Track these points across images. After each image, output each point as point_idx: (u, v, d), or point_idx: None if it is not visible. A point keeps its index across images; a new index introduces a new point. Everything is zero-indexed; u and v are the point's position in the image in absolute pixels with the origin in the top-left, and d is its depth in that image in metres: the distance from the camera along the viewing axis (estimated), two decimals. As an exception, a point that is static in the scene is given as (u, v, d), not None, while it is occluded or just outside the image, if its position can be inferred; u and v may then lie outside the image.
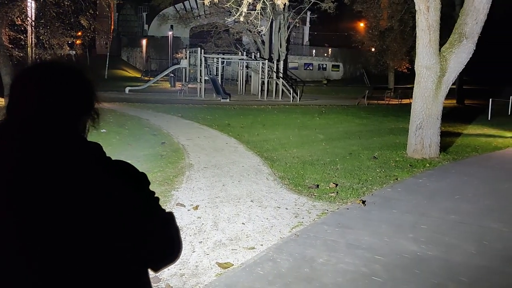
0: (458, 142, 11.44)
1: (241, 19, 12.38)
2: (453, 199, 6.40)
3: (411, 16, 24.49)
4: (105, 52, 39.36)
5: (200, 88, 27.42)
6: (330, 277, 3.84)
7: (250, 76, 32.97)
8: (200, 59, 28.05)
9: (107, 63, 37.23)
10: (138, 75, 41.68)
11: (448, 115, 9.33)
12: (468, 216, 5.66)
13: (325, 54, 55.11)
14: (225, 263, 4.04)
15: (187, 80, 29.58)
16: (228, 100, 24.30)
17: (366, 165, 8.48)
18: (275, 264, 4.02)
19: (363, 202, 6.04)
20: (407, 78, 35.92)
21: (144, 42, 45.21)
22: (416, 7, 8.64)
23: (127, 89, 27.49)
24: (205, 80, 28.01)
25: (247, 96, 29.13)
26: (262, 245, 4.54)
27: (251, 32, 33.10)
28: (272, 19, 15.12)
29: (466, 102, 25.64)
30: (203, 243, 4.52)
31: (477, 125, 15.72)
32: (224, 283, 3.64)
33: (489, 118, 17.49)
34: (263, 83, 29.46)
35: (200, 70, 27.99)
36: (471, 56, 8.87)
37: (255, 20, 11.27)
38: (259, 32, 26.98)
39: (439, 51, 8.87)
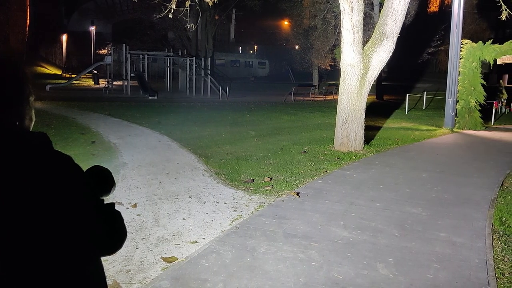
0: (380, 135, 12.22)
1: (170, 15, 12.30)
2: (378, 188, 6.90)
3: (334, 16, 25.59)
4: (22, 48, 37.09)
5: (126, 86, 26.75)
6: (271, 264, 4.06)
7: (177, 73, 32.66)
8: (125, 55, 27.35)
9: (24, 59, 35.12)
10: (59, 72, 39.75)
11: (369, 110, 9.95)
12: (391, 203, 6.15)
13: (251, 52, 55.82)
14: (170, 257, 4.12)
15: (112, 77, 28.72)
16: (155, 97, 23.95)
17: (297, 159, 8.85)
18: (218, 255, 4.18)
19: (297, 194, 6.35)
20: (330, 75, 37.49)
21: (64, 37, 43.11)
22: (341, 8, 9.13)
23: (47, 86, 26.17)
24: (131, 77, 27.36)
25: (174, 93, 28.86)
26: (204, 238, 4.67)
27: (177, 28, 32.76)
28: (199, 15, 15.08)
29: (385, 98, 27.24)
30: (146, 239, 4.57)
31: (396, 119, 16.82)
32: (171, 276, 3.74)
33: (406, 112, 18.77)
34: (190, 80, 29.32)
35: (126, 67, 27.31)
36: (391, 54, 9.53)
37: (183, 17, 11.21)
38: (188, 29, 26.77)
39: (362, 49, 9.44)
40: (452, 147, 11.37)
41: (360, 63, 9.37)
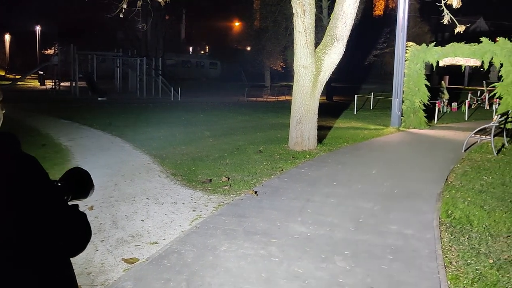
0: (331, 134, 12.56)
1: (121, 15, 12.08)
2: (332, 185, 7.13)
3: (284, 18, 25.98)
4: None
5: (74, 87, 25.94)
6: (233, 262, 4.13)
7: (127, 74, 32.04)
8: (73, 56, 26.53)
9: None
10: (2, 73, 37.90)
11: (320, 111, 10.20)
12: (345, 199, 6.37)
13: (202, 52, 55.57)
14: (130, 258, 4.11)
15: (59, 78, 27.77)
16: (105, 98, 23.39)
17: (253, 158, 8.96)
18: (180, 255, 4.20)
19: (255, 192, 6.45)
20: (282, 76, 37.99)
21: (6, 37, 41.19)
22: (293, 11, 9.32)
23: (-12, 87, 24.94)
24: (79, 77, 26.57)
25: (125, 94, 28.30)
26: (164, 239, 4.67)
27: (127, 28, 32.14)
28: (151, 16, 14.92)
29: (335, 99, 27.93)
30: (105, 241, 4.51)
31: (345, 119, 17.32)
32: (133, 277, 3.73)
33: (355, 113, 19.35)
34: (141, 80, 28.85)
35: (74, 68, 26.49)
36: (341, 56, 9.83)
37: (135, 17, 11.08)
38: (140, 29, 26.35)
39: (315, 51, 9.68)
40: (399, 145, 11.86)
41: (313, 64, 9.61)
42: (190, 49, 55.01)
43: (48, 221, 1.26)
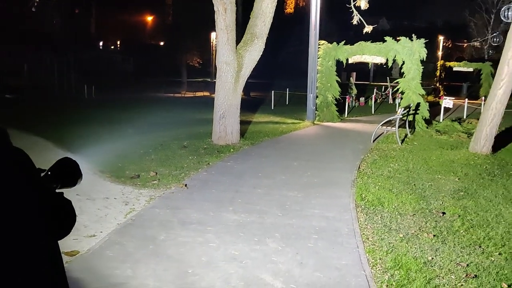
0: (252, 129, 13.03)
1: (33, 9, 11.55)
2: (257, 176, 7.54)
3: (200, 14, 26.05)
4: None
5: None
6: (173, 249, 4.35)
7: (40, 69, 30.23)
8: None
9: None
10: None
11: (240, 106, 10.60)
12: (270, 188, 6.80)
13: (113, 47, 53.65)
14: (71, 251, 4.17)
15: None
16: (13, 95, 21.99)
17: (178, 153, 9.12)
18: (121, 246, 4.34)
19: (185, 185, 6.67)
20: (199, 72, 38.01)
21: None
22: (215, 8, 9.57)
23: None
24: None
25: (36, 90, 26.69)
26: (102, 232, 4.76)
27: (36, 22, 30.28)
28: (62, 10, 14.36)
29: (252, 95, 28.60)
30: (41, 238, 4.50)
31: (264, 113, 17.93)
32: (77, 269, 3.82)
33: (272, 108, 20.07)
34: (53, 76, 27.41)
35: None
36: (261, 53, 10.28)
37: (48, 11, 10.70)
38: (54, 23, 24.99)
39: (236, 48, 10.03)
40: (316, 138, 12.63)
41: (235, 61, 9.95)
42: (101, 44, 52.85)
43: (36, 208, 1.40)
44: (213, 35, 35.98)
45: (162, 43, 38.47)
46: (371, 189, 6.84)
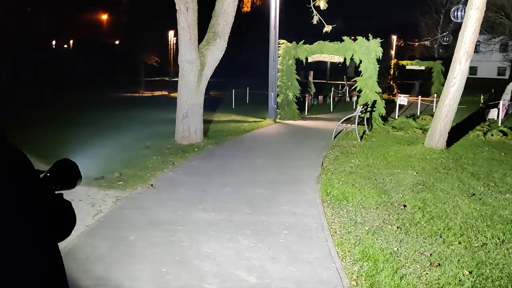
0: (214, 128, 13.04)
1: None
2: (224, 175, 7.58)
3: (159, 13, 25.72)
4: None
5: None
6: (146, 249, 4.35)
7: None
8: None
9: None
10: None
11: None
12: (238, 187, 6.87)
13: (66, 46, 52.09)
14: (41, 256, 4.07)
15: None
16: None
17: (142, 154, 9.03)
18: (93, 247, 4.29)
19: (152, 185, 6.63)
20: (157, 71, 37.51)
21: None
22: (177, 7, 9.52)
23: None
24: None
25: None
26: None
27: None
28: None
29: (212, 94, 28.48)
30: (8, 243, 4.38)
31: (225, 112, 17.94)
32: (49, 272, 3.74)
33: (233, 107, 20.11)
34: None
35: None
36: (224, 52, 10.31)
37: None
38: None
39: (198, 47, 10.01)
40: (278, 136, 12.79)
41: (197, 60, 9.94)
42: (54, 43, 51.19)
43: (37, 211, 1.42)
44: (171, 33, 35.75)
45: (118, 42, 37.71)
46: (335, 184, 7.04)
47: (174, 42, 35.80)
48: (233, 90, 21.08)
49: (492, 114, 15.51)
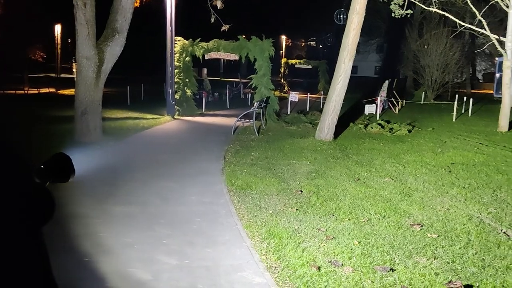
0: (112, 125, 12.86)
1: None
2: (131, 170, 7.72)
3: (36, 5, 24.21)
4: None
5: None
6: (66, 242, 4.46)
7: None
8: None
9: None
10: None
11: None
12: (147, 181, 7.07)
13: None
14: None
15: None
16: None
17: (42, 152, 8.74)
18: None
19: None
20: (42, 67, 35.12)
21: None
22: (74, 3, 9.30)
23: None
24: None
25: None
26: None
27: None
28: None
29: (104, 90, 27.50)
30: None
31: (121, 109, 17.58)
32: None
33: (129, 103, 19.78)
34: None
35: None
36: (123, 48, 10.31)
37: None
38: None
39: (97, 43, 9.90)
40: (180, 132, 13.04)
41: (96, 56, 9.83)
42: None
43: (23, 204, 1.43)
44: (57, 28, 33.70)
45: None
46: (239, 175, 7.57)
47: (60, 36, 33.86)
48: (128, 87, 20.70)
49: (371, 109, 17.27)
